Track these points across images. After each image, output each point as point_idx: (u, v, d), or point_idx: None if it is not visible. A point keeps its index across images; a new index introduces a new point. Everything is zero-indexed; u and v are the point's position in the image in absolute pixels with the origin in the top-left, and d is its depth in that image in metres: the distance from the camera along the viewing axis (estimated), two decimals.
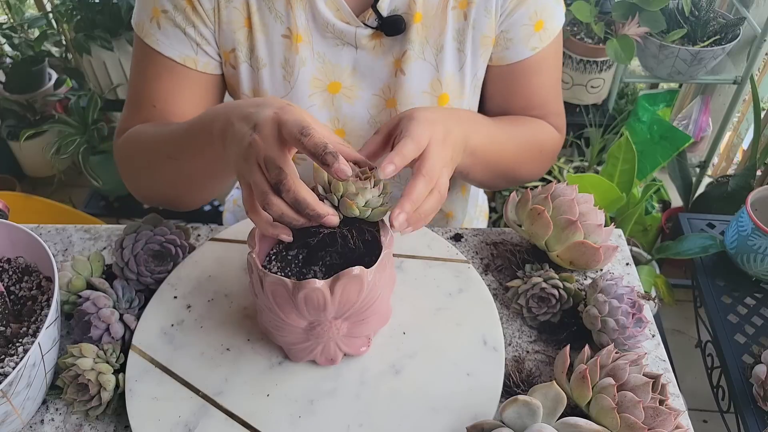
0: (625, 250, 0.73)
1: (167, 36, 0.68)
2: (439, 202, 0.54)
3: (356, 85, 0.71)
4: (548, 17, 0.70)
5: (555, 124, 0.79)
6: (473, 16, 0.68)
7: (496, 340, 0.60)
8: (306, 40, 0.68)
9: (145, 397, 0.56)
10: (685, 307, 1.59)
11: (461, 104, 0.73)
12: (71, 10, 1.74)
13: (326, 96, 0.72)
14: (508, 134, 0.71)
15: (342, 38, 0.69)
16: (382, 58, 0.70)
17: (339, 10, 0.67)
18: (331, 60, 0.70)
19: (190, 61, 0.70)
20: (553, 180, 1.12)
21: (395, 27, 0.67)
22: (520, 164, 0.75)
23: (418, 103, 0.71)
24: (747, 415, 0.81)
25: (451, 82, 0.71)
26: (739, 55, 1.55)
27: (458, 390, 0.56)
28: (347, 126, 0.74)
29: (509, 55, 0.71)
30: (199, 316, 0.63)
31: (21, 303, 0.61)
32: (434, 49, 0.69)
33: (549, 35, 0.71)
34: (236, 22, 0.68)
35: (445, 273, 0.67)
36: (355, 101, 0.72)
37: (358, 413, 0.55)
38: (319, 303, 0.50)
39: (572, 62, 1.76)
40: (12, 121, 1.95)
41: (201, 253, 0.69)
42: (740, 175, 1.47)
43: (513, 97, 0.75)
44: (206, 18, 0.67)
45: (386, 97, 0.72)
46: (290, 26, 0.67)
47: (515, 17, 0.69)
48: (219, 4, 0.67)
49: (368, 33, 0.68)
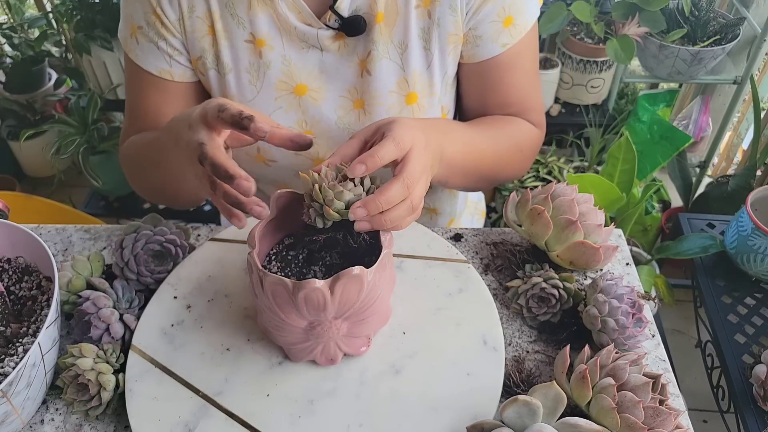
0: (625, 250, 0.73)
1: (144, 51, 0.72)
2: (410, 212, 0.54)
3: (322, 87, 0.72)
4: (518, 13, 0.70)
5: (533, 120, 0.78)
6: (437, 14, 0.68)
7: (496, 340, 0.60)
8: (269, 44, 0.69)
9: (145, 397, 0.56)
10: (685, 307, 1.59)
11: (432, 102, 0.73)
12: (71, 10, 1.74)
13: (292, 99, 0.72)
14: (486, 140, 0.71)
15: (306, 41, 0.69)
16: (347, 59, 0.70)
17: (300, 13, 0.67)
18: (297, 63, 0.70)
19: (166, 74, 0.73)
20: (553, 180, 1.12)
21: (355, 27, 0.67)
22: (501, 167, 0.75)
23: (386, 103, 0.72)
24: (747, 415, 0.81)
25: (418, 81, 0.71)
26: (739, 55, 1.56)
27: (458, 390, 0.56)
28: (315, 128, 0.74)
29: (480, 52, 0.71)
30: (199, 316, 0.63)
31: (21, 303, 0.61)
32: (399, 48, 0.69)
33: (520, 31, 0.70)
34: (200, 30, 0.69)
35: (445, 273, 0.67)
36: (322, 103, 0.72)
37: (358, 413, 0.55)
38: (319, 303, 0.50)
39: (572, 62, 1.76)
40: (12, 121, 1.95)
41: (201, 253, 0.69)
42: (740, 175, 1.47)
43: (489, 94, 0.75)
44: (174, 29, 0.70)
45: (353, 98, 0.72)
46: (253, 31, 0.69)
47: (482, 14, 0.68)
48: (183, 15, 0.69)
49: (330, 34, 0.68)
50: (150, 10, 0.69)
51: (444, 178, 0.67)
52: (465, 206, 0.99)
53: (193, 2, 0.68)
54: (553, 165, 1.75)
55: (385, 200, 0.51)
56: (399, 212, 0.53)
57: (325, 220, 0.52)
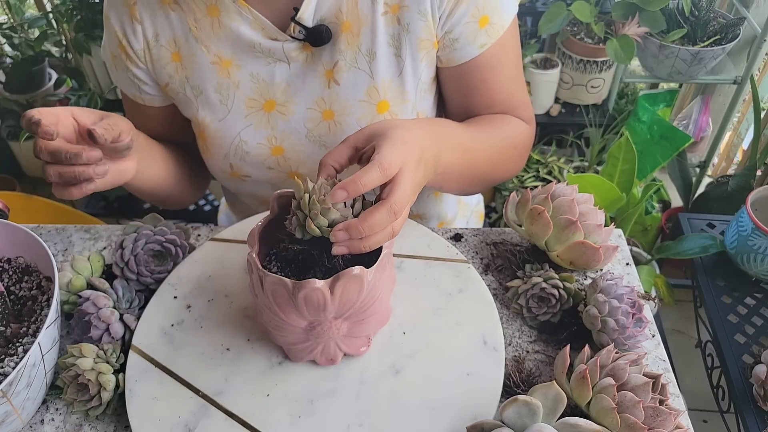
0: (625, 250, 0.73)
1: (120, 77, 0.76)
2: (389, 237, 0.52)
3: (290, 100, 0.71)
4: (493, 11, 0.68)
5: (522, 117, 0.77)
6: (406, 20, 0.67)
7: (496, 340, 0.60)
8: (236, 63, 0.70)
9: (145, 397, 0.56)
10: (685, 307, 1.59)
11: (405, 109, 0.72)
12: (71, 10, 1.74)
13: (261, 115, 0.72)
14: (481, 141, 0.70)
15: (272, 56, 0.69)
16: (313, 70, 0.70)
17: (264, 29, 0.67)
18: (265, 79, 0.70)
19: (138, 99, 0.77)
20: (553, 180, 1.12)
21: (320, 37, 0.66)
22: (497, 168, 0.74)
23: (356, 113, 0.71)
24: (747, 415, 0.81)
25: (389, 89, 0.70)
26: (739, 55, 1.55)
27: (458, 390, 0.56)
28: (285, 143, 0.73)
29: (457, 55, 0.70)
30: (199, 316, 0.63)
31: (21, 303, 0.61)
32: (367, 56, 0.68)
33: (497, 30, 0.69)
34: (165, 58, 0.71)
35: (445, 273, 0.67)
36: (290, 117, 0.72)
37: (358, 413, 0.55)
38: (319, 303, 0.50)
39: (572, 62, 1.76)
40: (12, 121, 1.94)
41: (201, 253, 0.69)
42: (740, 175, 1.47)
43: (473, 96, 0.74)
44: (138, 60, 0.72)
45: (321, 110, 0.71)
46: (218, 53, 0.69)
47: (456, 17, 0.67)
48: (148, 44, 0.70)
49: (296, 46, 0.68)
50: (116, 42, 0.71)
51: (438, 184, 0.67)
52: (458, 209, 0.97)
53: (157, 31, 0.69)
54: (553, 165, 1.75)
55: (368, 226, 0.49)
56: (378, 238, 0.51)
57: (305, 233, 0.51)
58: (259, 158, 0.74)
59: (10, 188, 1.94)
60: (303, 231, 0.51)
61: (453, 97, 0.76)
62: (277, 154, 0.74)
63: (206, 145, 0.76)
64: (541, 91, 1.80)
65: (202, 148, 0.78)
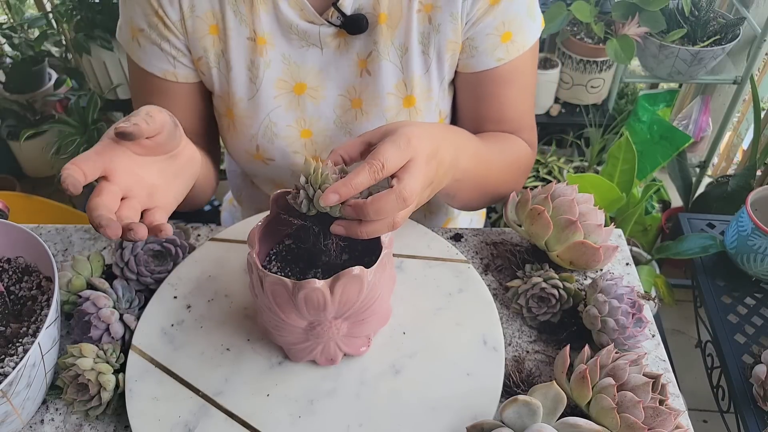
0: (625, 250, 0.73)
1: (146, 53, 0.71)
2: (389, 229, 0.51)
3: (321, 85, 0.72)
4: (518, 29, 0.69)
5: (527, 140, 0.78)
6: (438, 20, 0.67)
7: (496, 340, 0.60)
8: (270, 42, 0.69)
9: (145, 397, 0.56)
10: (685, 307, 1.59)
11: (429, 106, 0.73)
12: (71, 10, 1.74)
13: (292, 97, 0.72)
14: (493, 153, 0.70)
15: (307, 39, 0.69)
16: (346, 57, 0.70)
17: (302, 10, 0.67)
18: (297, 61, 0.70)
19: (170, 75, 0.72)
20: (553, 180, 1.12)
21: (358, 25, 0.67)
22: (503, 182, 0.74)
23: (384, 105, 0.71)
24: (747, 415, 0.81)
25: (417, 84, 0.71)
26: (739, 55, 1.56)
27: (458, 390, 0.56)
28: (313, 126, 0.74)
29: (473, 63, 0.71)
30: (199, 316, 0.63)
31: (21, 303, 0.61)
32: (399, 50, 0.69)
33: (518, 48, 0.70)
34: (201, 30, 0.69)
35: (444, 273, 0.67)
36: (321, 102, 0.72)
37: (358, 413, 0.55)
38: (319, 303, 0.50)
39: (572, 62, 1.76)
40: (12, 121, 1.95)
41: (201, 253, 0.69)
42: (740, 175, 1.47)
43: (483, 107, 0.74)
44: (176, 30, 0.69)
45: (351, 98, 0.72)
46: (254, 29, 0.68)
47: (481, 26, 0.68)
48: (184, 15, 0.68)
49: (332, 32, 0.68)
50: (151, 12, 0.68)
51: (453, 191, 0.66)
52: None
53: (194, 2, 0.68)
54: (553, 165, 1.75)
55: (375, 210, 0.49)
56: (378, 227, 0.51)
57: (311, 207, 0.50)
58: (287, 140, 0.74)
59: (10, 188, 1.95)
60: (309, 205, 0.50)
61: (464, 104, 0.76)
62: (305, 137, 0.74)
63: (233, 124, 0.74)
64: (541, 91, 1.80)
65: (226, 127, 0.76)
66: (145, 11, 0.68)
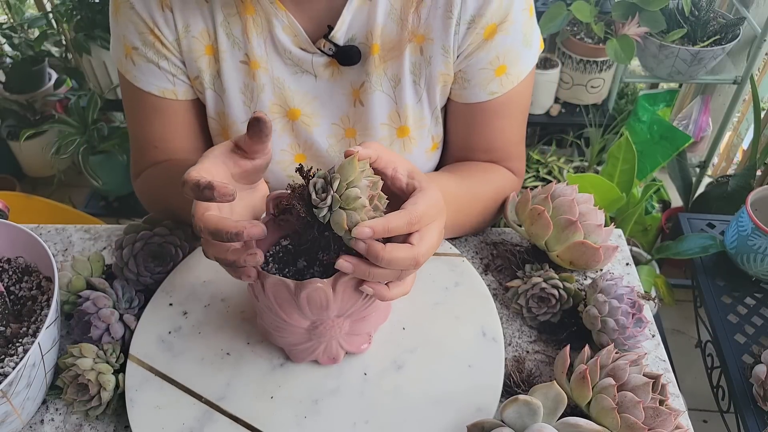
0: (625, 250, 0.73)
1: (143, 72, 0.69)
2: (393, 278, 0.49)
3: (316, 113, 0.71)
4: (513, 62, 0.68)
5: (514, 168, 0.77)
6: (429, 52, 0.67)
7: (495, 332, 0.60)
8: (263, 66, 0.68)
9: (147, 405, 0.56)
10: (685, 307, 1.59)
11: (422, 134, 0.72)
12: (71, 10, 1.74)
13: (285, 122, 0.72)
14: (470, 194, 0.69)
15: (300, 65, 0.68)
16: (340, 87, 0.70)
17: (296, 36, 0.67)
18: (290, 86, 0.70)
19: (169, 93, 0.71)
20: (553, 180, 1.12)
21: (349, 57, 0.66)
22: (481, 222, 0.74)
23: (378, 135, 0.70)
24: (747, 415, 0.81)
25: (411, 115, 0.70)
26: (739, 55, 1.56)
27: (460, 382, 0.57)
28: (308, 152, 0.73)
29: (466, 94, 0.70)
30: (196, 322, 0.63)
31: (21, 303, 0.61)
32: (392, 81, 0.68)
33: (512, 80, 0.69)
34: (197, 50, 0.68)
35: (440, 267, 0.67)
36: (314, 129, 0.72)
37: (363, 410, 0.55)
38: (321, 302, 0.50)
39: (572, 62, 1.76)
40: (12, 121, 1.95)
41: (194, 258, 0.68)
42: (740, 175, 1.47)
43: (473, 135, 0.74)
44: (173, 49, 0.68)
45: (345, 127, 0.72)
46: (248, 52, 0.68)
47: (474, 60, 0.67)
48: (179, 35, 0.67)
49: (324, 61, 0.68)
50: (146, 30, 0.67)
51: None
52: None
53: (189, 22, 0.67)
54: (553, 165, 1.75)
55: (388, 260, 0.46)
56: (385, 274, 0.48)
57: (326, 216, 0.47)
58: (281, 165, 0.74)
59: (10, 188, 1.95)
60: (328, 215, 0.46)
61: (454, 131, 0.76)
62: (300, 161, 0.74)
63: None
64: (541, 91, 1.80)
65: None
66: (138, 29, 0.67)
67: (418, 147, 0.73)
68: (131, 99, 0.73)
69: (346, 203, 0.45)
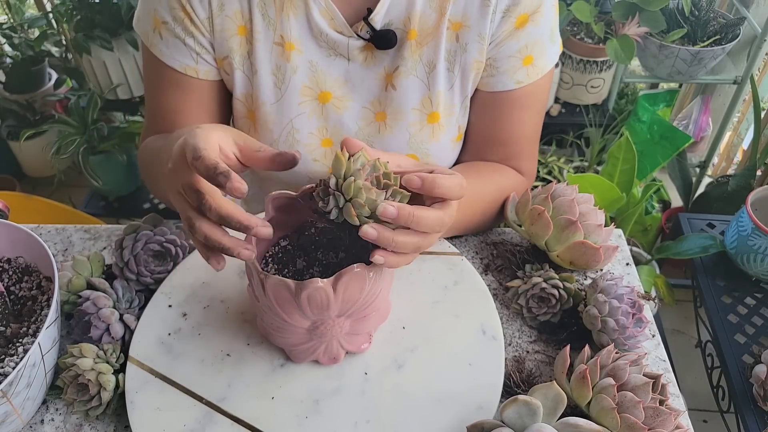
0: (625, 250, 0.73)
1: (168, 46, 0.70)
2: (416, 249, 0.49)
3: (347, 96, 0.71)
4: (539, 54, 0.69)
5: (525, 169, 0.78)
6: (465, 39, 0.68)
7: (495, 329, 0.61)
8: (298, 48, 0.69)
9: (147, 408, 0.56)
10: (685, 307, 1.59)
11: (450, 122, 0.73)
12: (71, 10, 1.74)
13: (316, 105, 0.72)
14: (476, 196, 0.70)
15: (335, 48, 0.69)
16: (372, 70, 0.70)
17: (333, 20, 0.67)
18: (323, 69, 0.70)
19: (191, 71, 0.71)
20: (553, 180, 1.12)
21: (386, 41, 0.67)
22: (484, 222, 0.74)
23: (408, 120, 0.71)
24: (747, 415, 0.81)
25: (442, 101, 0.71)
26: (739, 55, 1.56)
27: (461, 380, 0.57)
28: (335, 136, 0.73)
29: (493, 82, 0.71)
30: (196, 323, 0.63)
31: (21, 303, 0.61)
32: (427, 67, 0.69)
33: (537, 72, 0.70)
34: (229, 30, 0.68)
35: (439, 266, 0.67)
36: (344, 112, 0.72)
37: (364, 410, 0.55)
38: (322, 302, 0.50)
39: (572, 62, 1.76)
40: (12, 121, 1.95)
41: (192, 260, 0.68)
42: (740, 175, 1.47)
43: (495, 125, 0.74)
44: (203, 28, 0.68)
45: (375, 111, 0.72)
46: (282, 33, 0.68)
47: (504, 47, 0.68)
48: (212, 14, 0.67)
49: (360, 45, 0.68)
50: (178, 6, 0.67)
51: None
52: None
53: (223, 1, 0.67)
54: (553, 165, 1.76)
55: (416, 220, 0.47)
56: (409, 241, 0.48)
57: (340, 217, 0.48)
58: (308, 147, 0.74)
59: (10, 188, 1.95)
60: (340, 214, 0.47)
61: (476, 122, 0.76)
62: (326, 146, 0.74)
63: (254, 127, 0.73)
64: None
65: (246, 129, 0.74)
66: (171, 4, 0.67)
67: (446, 135, 0.73)
68: (152, 70, 0.73)
69: (348, 194, 0.46)
